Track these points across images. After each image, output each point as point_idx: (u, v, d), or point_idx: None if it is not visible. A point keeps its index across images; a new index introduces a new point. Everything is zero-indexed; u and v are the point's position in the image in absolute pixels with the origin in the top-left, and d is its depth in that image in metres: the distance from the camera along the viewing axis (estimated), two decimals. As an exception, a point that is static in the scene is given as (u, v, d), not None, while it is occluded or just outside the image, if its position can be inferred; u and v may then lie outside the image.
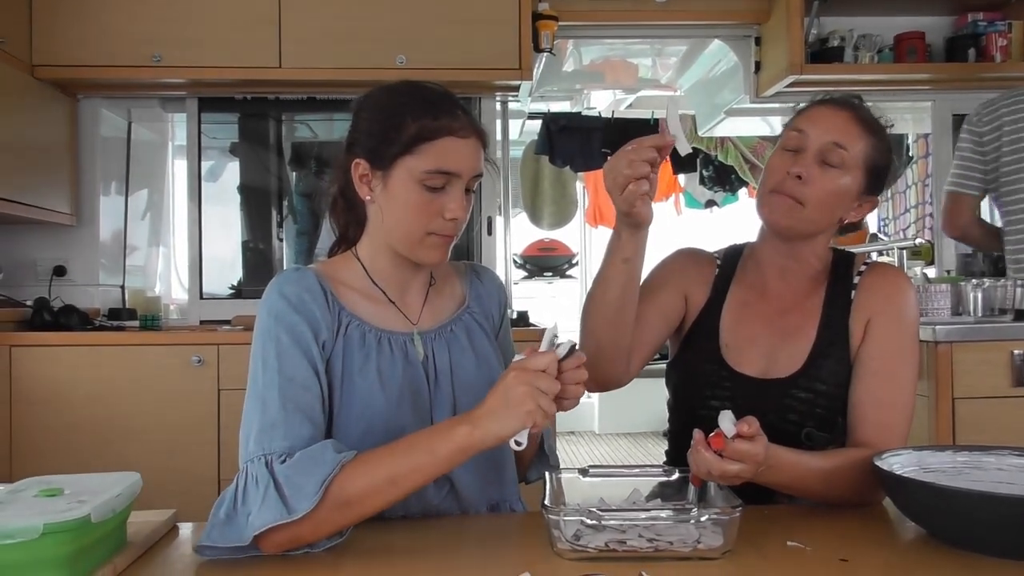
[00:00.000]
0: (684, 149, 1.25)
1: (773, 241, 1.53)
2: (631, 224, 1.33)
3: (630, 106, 5.36)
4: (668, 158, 5.50)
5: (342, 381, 1.26)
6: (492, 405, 1.11)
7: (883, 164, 1.48)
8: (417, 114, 1.25)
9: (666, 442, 1.70)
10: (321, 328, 1.25)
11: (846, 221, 1.50)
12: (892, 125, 1.54)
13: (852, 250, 1.61)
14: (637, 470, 1.33)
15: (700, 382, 1.52)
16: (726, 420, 1.16)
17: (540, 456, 1.46)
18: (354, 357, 1.27)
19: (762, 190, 1.50)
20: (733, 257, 1.63)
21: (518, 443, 1.12)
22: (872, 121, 1.47)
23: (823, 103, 1.49)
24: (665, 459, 1.67)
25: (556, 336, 1.17)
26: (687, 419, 1.35)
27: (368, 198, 1.31)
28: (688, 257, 1.65)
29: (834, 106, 1.48)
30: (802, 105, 1.53)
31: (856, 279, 1.50)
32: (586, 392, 1.24)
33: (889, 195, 5.07)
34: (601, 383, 1.49)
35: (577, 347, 1.18)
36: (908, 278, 1.52)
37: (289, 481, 1.09)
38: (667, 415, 1.66)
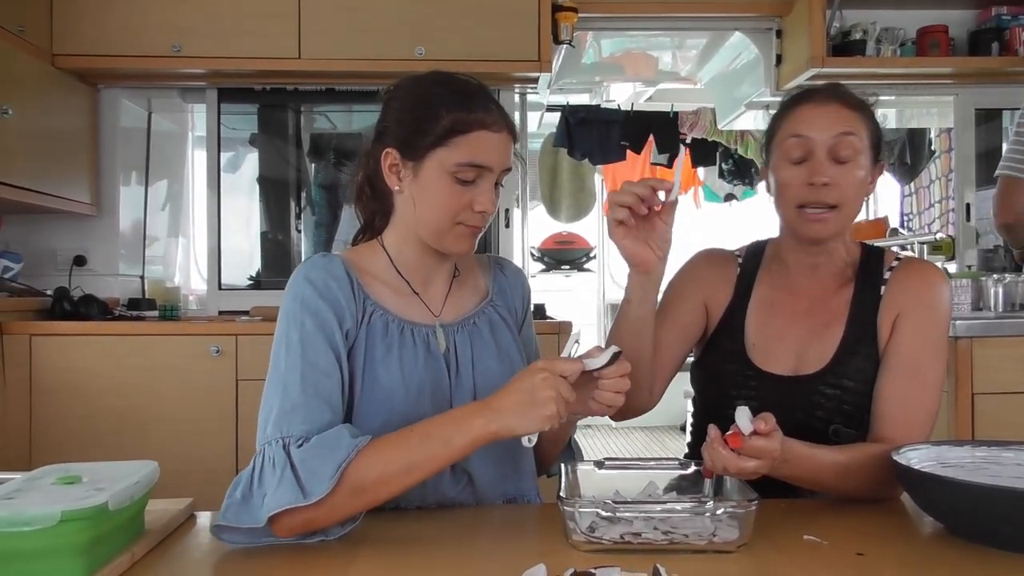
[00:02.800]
0: (673, 195, 1.26)
1: (803, 243, 1.50)
2: (628, 264, 1.34)
3: (650, 99, 5.35)
4: (688, 151, 5.50)
5: (364, 370, 1.27)
6: (515, 401, 1.12)
7: (880, 134, 1.47)
8: (451, 106, 1.25)
9: (682, 436, 1.70)
10: (345, 316, 1.25)
11: (867, 196, 1.50)
12: (876, 98, 1.50)
13: (881, 245, 1.59)
14: (653, 463, 1.33)
15: (725, 382, 1.51)
16: (743, 417, 1.16)
17: (567, 451, 1.46)
18: (376, 346, 1.28)
19: (785, 208, 1.45)
20: (756, 254, 1.61)
21: (529, 440, 1.13)
22: (857, 99, 1.45)
23: (805, 101, 1.45)
24: (687, 452, 1.66)
25: (578, 342, 1.17)
26: (712, 419, 1.35)
27: (397, 188, 1.31)
28: (706, 262, 1.64)
29: (819, 102, 1.43)
30: (776, 107, 1.49)
31: (887, 275, 1.48)
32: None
33: (913, 190, 5.03)
34: (623, 413, 1.43)
35: (621, 355, 1.18)
36: (942, 274, 1.49)
37: (305, 465, 1.09)
38: (684, 409, 1.66)
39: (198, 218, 4.05)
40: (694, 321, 1.58)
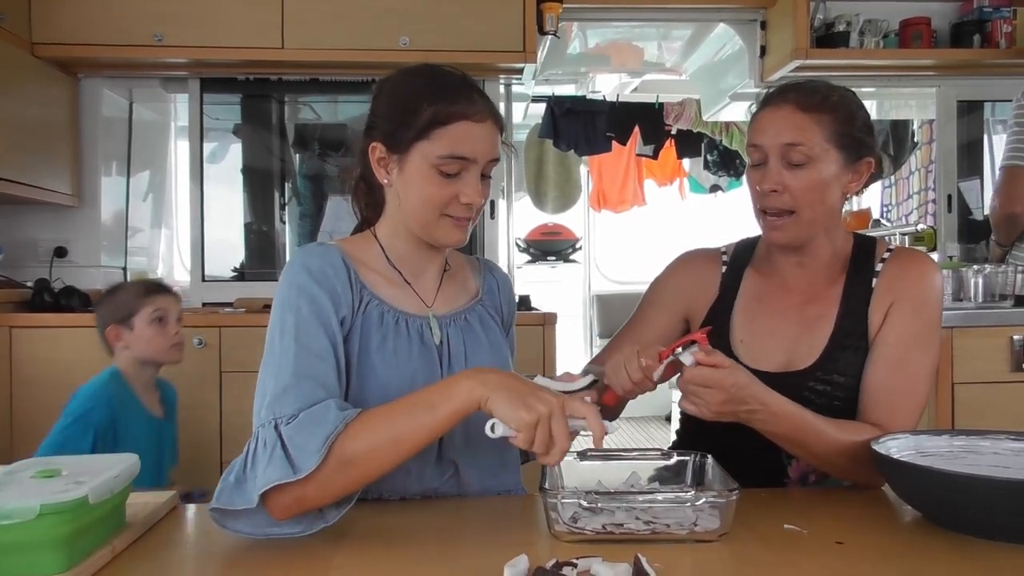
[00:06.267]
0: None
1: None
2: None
3: (635, 90, 5.34)
4: (673, 142, 5.50)
5: (358, 359, 1.27)
6: (511, 387, 1.08)
7: (853, 129, 1.42)
8: (432, 99, 1.26)
9: (667, 426, 1.71)
10: (341, 303, 1.26)
11: (850, 194, 1.47)
12: (843, 92, 1.45)
13: (874, 235, 1.58)
14: (635, 453, 1.34)
15: None
16: (687, 355, 1.21)
17: None
18: (371, 336, 1.28)
19: (753, 212, 1.48)
20: (745, 251, 1.61)
21: (492, 429, 1.09)
22: (819, 96, 1.41)
23: (764, 106, 1.45)
24: (675, 441, 1.67)
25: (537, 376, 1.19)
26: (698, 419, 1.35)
27: (386, 181, 1.32)
28: (686, 267, 1.64)
29: (774, 106, 1.42)
30: (755, 108, 1.49)
31: (878, 267, 1.47)
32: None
33: (893, 181, 5.05)
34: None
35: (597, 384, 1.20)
36: (934, 264, 1.48)
37: (293, 441, 1.09)
38: (670, 399, 1.66)
39: (181, 209, 4.03)
40: (665, 334, 1.58)
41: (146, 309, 2.34)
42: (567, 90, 5.25)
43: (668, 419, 6.11)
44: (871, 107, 4.45)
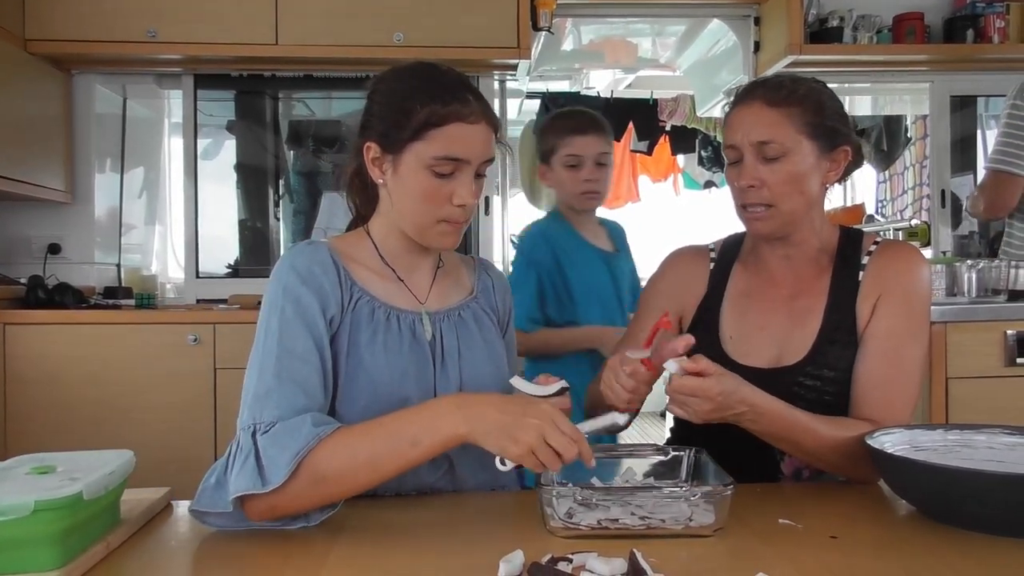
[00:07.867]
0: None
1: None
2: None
3: (629, 86, 5.34)
4: (667, 139, 5.50)
5: (348, 354, 1.27)
6: (495, 419, 1.08)
7: (824, 119, 1.42)
8: (426, 100, 1.25)
9: (663, 422, 1.72)
10: (330, 302, 1.26)
11: (830, 184, 1.47)
12: (811, 83, 1.46)
13: (862, 229, 1.59)
14: (631, 449, 1.34)
15: None
16: (673, 365, 1.20)
17: None
18: (362, 332, 1.28)
19: (735, 208, 1.49)
20: (733, 247, 1.61)
21: (503, 463, 1.09)
22: (786, 90, 1.42)
23: (735, 105, 1.46)
24: (668, 438, 1.67)
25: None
26: None
27: (380, 181, 1.32)
28: (675, 266, 1.64)
29: (744, 104, 1.44)
30: (727, 109, 1.50)
31: (865, 259, 1.47)
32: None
33: (887, 176, 5.06)
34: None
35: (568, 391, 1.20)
36: (920, 255, 1.48)
37: (266, 452, 1.10)
38: (665, 396, 1.66)
39: (175, 206, 4.01)
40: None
41: (561, 151, 2.29)
42: (561, 86, 5.25)
43: (663, 415, 6.13)
44: (865, 102, 4.46)
